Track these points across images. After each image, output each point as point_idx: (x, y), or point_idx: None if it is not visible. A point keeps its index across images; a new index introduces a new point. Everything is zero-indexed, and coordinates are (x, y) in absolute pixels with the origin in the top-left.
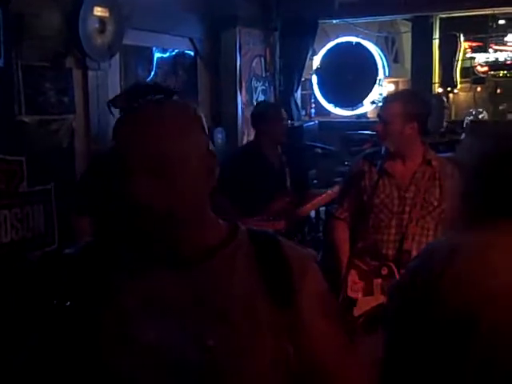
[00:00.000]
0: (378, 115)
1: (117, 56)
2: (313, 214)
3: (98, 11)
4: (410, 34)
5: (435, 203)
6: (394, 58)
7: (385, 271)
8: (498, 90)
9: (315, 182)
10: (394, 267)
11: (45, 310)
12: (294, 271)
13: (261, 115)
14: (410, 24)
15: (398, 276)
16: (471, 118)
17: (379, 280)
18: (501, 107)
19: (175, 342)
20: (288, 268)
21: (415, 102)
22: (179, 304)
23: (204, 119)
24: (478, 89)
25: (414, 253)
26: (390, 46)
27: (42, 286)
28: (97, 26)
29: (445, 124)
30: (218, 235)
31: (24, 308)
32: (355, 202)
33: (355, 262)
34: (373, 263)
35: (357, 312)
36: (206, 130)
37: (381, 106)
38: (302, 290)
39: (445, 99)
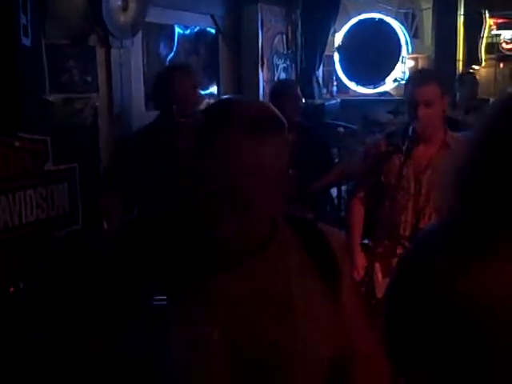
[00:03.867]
0: (414, 100)
1: (139, 34)
2: (335, 193)
3: None
4: (430, 10)
5: None
6: (413, 34)
7: (400, 250)
8: None
9: (336, 160)
10: (408, 245)
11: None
12: (336, 254)
13: (273, 92)
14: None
15: None
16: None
17: (396, 259)
18: None
19: (241, 339)
20: (331, 251)
21: (445, 80)
22: (241, 300)
23: None
24: (501, 65)
25: None
26: (409, 22)
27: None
28: (120, 3)
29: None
30: (265, 226)
31: (49, 287)
32: (373, 182)
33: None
34: (389, 245)
35: (379, 293)
36: None
37: (414, 90)
38: (343, 272)
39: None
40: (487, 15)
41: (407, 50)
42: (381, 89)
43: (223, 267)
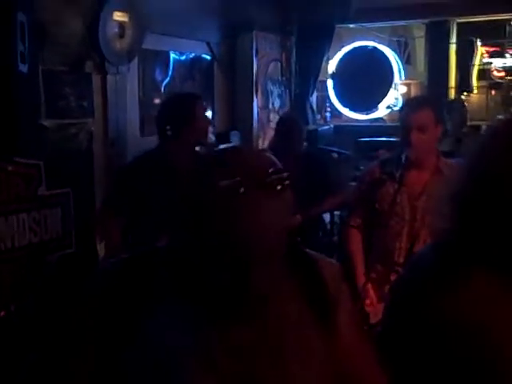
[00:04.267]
0: (408, 125)
1: (135, 60)
2: (327, 218)
3: (118, 16)
4: (423, 38)
5: None
6: (406, 60)
7: (394, 277)
8: None
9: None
10: (401, 271)
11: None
12: (329, 284)
13: (279, 126)
14: (423, 27)
15: None
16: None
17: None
18: None
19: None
20: (325, 285)
21: (438, 106)
22: (239, 344)
23: None
24: (493, 92)
25: None
26: (402, 49)
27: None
28: (116, 30)
29: (465, 129)
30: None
31: (42, 311)
32: (367, 209)
33: (369, 274)
34: (383, 271)
35: (373, 319)
36: None
37: (408, 115)
38: (338, 302)
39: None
40: (479, 44)
41: (400, 76)
42: (374, 115)
43: (223, 313)
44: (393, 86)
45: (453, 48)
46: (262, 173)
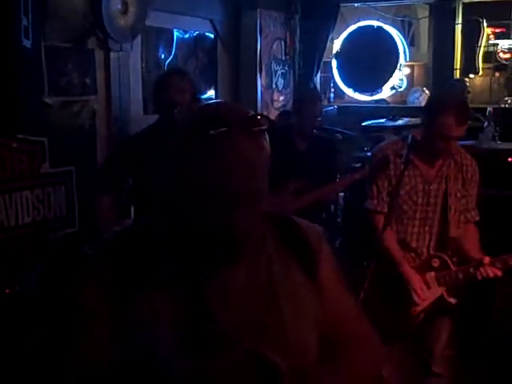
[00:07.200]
0: (452, 136)
1: (138, 37)
2: None
3: None
4: (427, 19)
5: (458, 195)
6: (410, 42)
7: (436, 263)
8: None
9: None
10: (445, 257)
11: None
12: (312, 244)
13: (294, 99)
14: (428, 8)
15: (452, 266)
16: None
17: (432, 273)
18: None
19: (239, 324)
20: (307, 242)
21: None
22: (231, 290)
23: None
24: (497, 74)
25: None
26: (406, 29)
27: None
28: (119, 7)
29: None
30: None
31: (45, 289)
32: (387, 190)
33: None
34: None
35: (416, 309)
36: None
37: (456, 126)
38: (321, 262)
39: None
40: (485, 24)
41: (405, 57)
42: (378, 96)
43: (215, 263)
44: (398, 66)
45: (458, 29)
46: (244, 119)
